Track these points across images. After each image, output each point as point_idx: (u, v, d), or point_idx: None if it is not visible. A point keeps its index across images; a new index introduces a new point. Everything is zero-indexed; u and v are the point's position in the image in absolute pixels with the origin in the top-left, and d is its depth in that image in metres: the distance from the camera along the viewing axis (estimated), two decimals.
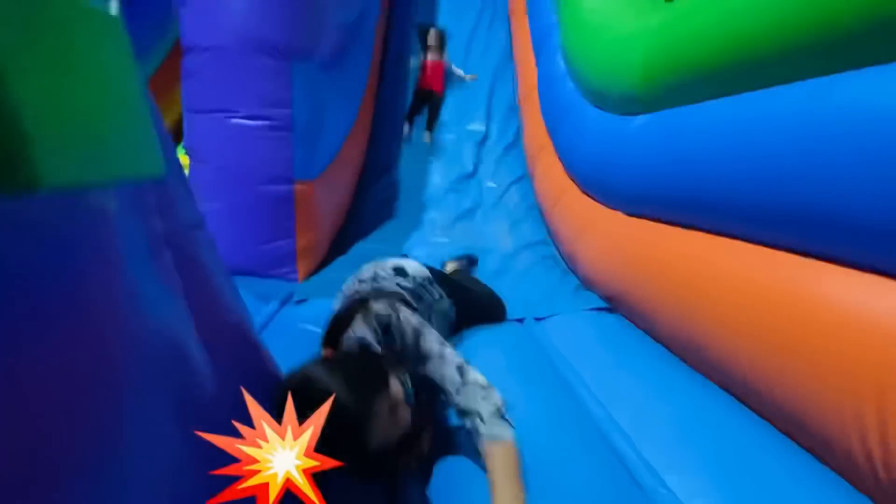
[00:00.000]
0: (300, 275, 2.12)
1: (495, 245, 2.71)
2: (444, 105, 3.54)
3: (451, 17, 4.06)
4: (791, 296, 1.03)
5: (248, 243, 2.00)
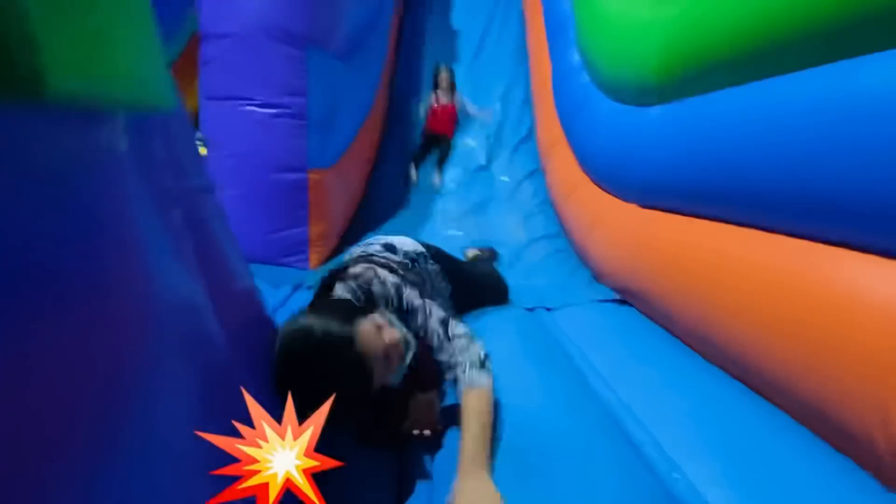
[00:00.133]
0: (312, 263, 2.13)
1: (508, 238, 2.71)
2: (457, 83, 3.37)
3: (464, 13, 4.05)
4: (810, 284, 1.02)
5: (262, 230, 2.01)
